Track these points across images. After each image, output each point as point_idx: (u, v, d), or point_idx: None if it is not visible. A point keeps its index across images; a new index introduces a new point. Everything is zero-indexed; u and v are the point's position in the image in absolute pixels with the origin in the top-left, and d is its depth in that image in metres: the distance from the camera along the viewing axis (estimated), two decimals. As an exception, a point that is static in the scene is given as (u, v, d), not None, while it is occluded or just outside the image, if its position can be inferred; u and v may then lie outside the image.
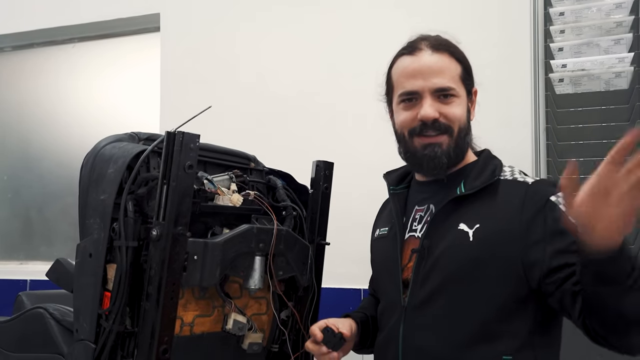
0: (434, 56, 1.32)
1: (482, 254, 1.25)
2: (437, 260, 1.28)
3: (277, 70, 2.58)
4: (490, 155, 1.40)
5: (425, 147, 1.32)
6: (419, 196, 1.42)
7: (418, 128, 1.32)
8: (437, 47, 1.33)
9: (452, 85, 1.31)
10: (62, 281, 1.40)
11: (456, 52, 1.35)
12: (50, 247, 3.15)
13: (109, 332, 1.22)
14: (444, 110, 1.31)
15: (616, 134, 2.05)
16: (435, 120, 1.30)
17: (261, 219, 1.40)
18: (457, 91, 1.32)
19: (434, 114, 1.29)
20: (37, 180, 3.20)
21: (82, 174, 1.32)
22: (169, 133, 1.20)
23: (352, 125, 2.42)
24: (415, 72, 1.32)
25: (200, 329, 1.34)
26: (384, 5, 2.42)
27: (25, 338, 1.49)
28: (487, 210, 1.27)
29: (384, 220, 1.53)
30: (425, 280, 1.29)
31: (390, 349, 1.34)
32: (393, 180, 1.48)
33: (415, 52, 1.34)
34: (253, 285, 1.35)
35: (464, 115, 1.33)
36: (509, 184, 1.30)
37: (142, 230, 1.23)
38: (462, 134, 1.33)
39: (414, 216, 1.40)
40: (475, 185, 1.29)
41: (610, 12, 2.09)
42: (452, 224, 1.29)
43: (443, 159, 1.31)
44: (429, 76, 1.31)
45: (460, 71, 1.34)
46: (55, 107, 3.19)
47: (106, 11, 2.94)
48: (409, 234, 1.38)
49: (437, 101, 1.31)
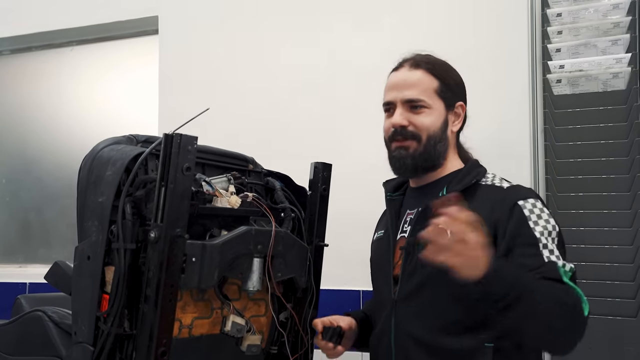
0: (410, 72, 1.49)
1: None
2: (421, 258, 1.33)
3: (274, 72, 2.58)
4: (476, 164, 1.52)
5: (395, 149, 1.49)
6: (410, 201, 1.55)
7: (391, 134, 1.49)
8: (416, 64, 1.49)
9: (421, 97, 1.46)
10: (61, 284, 1.40)
11: (436, 69, 1.49)
12: (48, 249, 3.15)
13: (107, 335, 1.22)
14: (412, 119, 1.46)
15: (614, 134, 2.06)
16: (403, 127, 1.46)
17: (259, 221, 1.41)
18: (427, 103, 1.46)
19: (402, 121, 1.46)
20: (35, 182, 3.20)
21: (80, 176, 1.32)
22: (167, 135, 1.20)
23: (351, 127, 2.42)
24: (392, 85, 1.51)
25: (198, 331, 1.34)
26: (382, 9, 2.42)
27: (24, 341, 1.49)
28: None
29: (382, 224, 1.64)
30: (412, 274, 1.41)
31: (383, 339, 1.46)
32: (391, 188, 1.61)
33: (399, 69, 1.53)
34: (252, 287, 1.35)
35: (434, 124, 1.47)
36: (486, 189, 1.44)
37: (140, 233, 1.23)
38: (432, 142, 1.46)
39: (405, 219, 1.53)
40: (456, 189, 1.40)
41: (608, 13, 2.10)
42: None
43: (407, 160, 1.47)
44: (402, 89, 1.48)
45: (436, 86, 1.47)
46: (53, 110, 3.19)
47: (104, 14, 2.94)
48: (400, 235, 1.51)
49: (409, 111, 1.47)
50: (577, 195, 2.09)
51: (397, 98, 1.48)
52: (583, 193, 2.09)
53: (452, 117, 1.51)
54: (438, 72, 1.49)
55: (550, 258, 1.31)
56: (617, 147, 2.05)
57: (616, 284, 2.00)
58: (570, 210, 2.09)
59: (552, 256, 1.32)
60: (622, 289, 2.00)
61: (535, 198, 1.40)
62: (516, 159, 2.12)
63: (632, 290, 1.99)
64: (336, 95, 2.46)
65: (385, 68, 1.55)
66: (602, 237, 2.04)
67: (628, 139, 2.04)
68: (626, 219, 2.02)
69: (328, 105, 2.47)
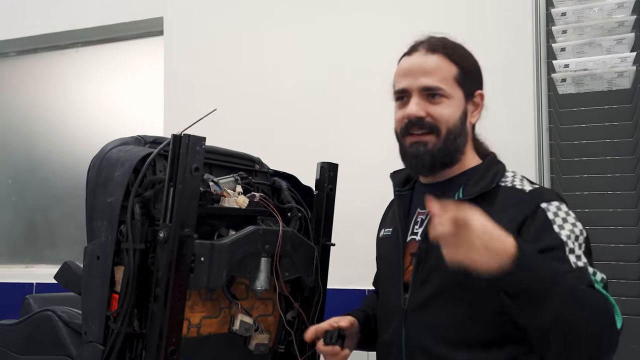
0: (427, 57, 1.33)
1: None
2: (435, 264, 1.27)
3: (280, 72, 2.58)
4: (494, 160, 1.39)
5: (411, 145, 1.33)
6: (422, 199, 1.39)
7: (404, 126, 1.33)
8: (433, 48, 1.34)
9: (440, 85, 1.31)
10: (71, 284, 1.41)
11: (455, 54, 1.35)
12: (55, 250, 3.16)
13: (117, 334, 1.23)
14: (430, 110, 1.31)
15: (619, 133, 2.06)
16: (419, 118, 1.31)
17: (267, 221, 1.42)
18: (446, 91, 1.31)
19: (419, 112, 1.30)
20: (41, 183, 3.21)
21: (89, 177, 1.33)
22: (175, 136, 1.21)
23: (357, 126, 2.42)
24: (406, 71, 1.35)
25: (207, 330, 1.35)
26: (386, 7, 2.43)
27: (34, 340, 1.50)
28: None
29: (389, 220, 1.52)
30: (424, 283, 1.29)
31: (392, 351, 1.34)
32: (399, 181, 1.48)
33: (412, 53, 1.36)
34: (259, 287, 1.36)
35: (454, 116, 1.32)
36: (507, 191, 1.29)
37: (149, 233, 1.24)
38: (452, 136, 1.32)
39: (416, 219, 1.39)
40: (474, 192, 1.29)
41: (612, 12, 2.10)
42: None
43: (426, 157, 1.31)
44: (418, 75, 1.32)
45: (455, 72, 1.33)
46: (59, 111, 3.20)
47: (109, 15, 2.95)
48: (410, 237, 1.38)
49: (425, 100, 1.31)
50: (582, 194, 2.10)
51: (413, 85, 1.32)
52: (588, 192, 2.09)
53: (471, 108, 1.37)
54: (457, 58, 1.35)
55: (577, 264, 1.17)
56: (623, 145, 2.05)
57: (621, 282, 2.00)
58: (576, 209, 2.05)
59: (579, 262, 1.18)
60: (627, 287, 2.00)
61: (559, 201, 1.27)
62: (521, 158, 2.12)
63: (637, 288, 2.00)
64: (341, 95, 2.46)
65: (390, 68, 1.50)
66: (607, 235, 2.04)
67: (633, 138, 2.04)
68: (631, 218, 2.03)
69: (333, 104, 2.47)
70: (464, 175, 1.36)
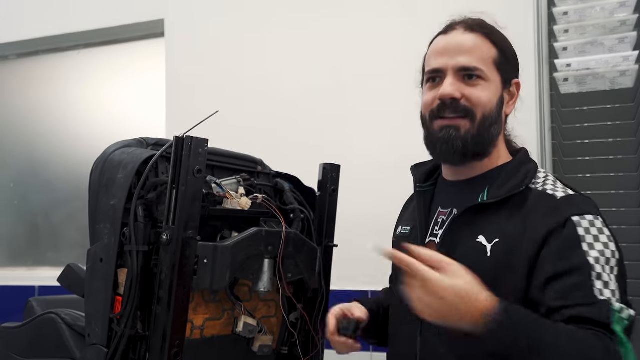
0: (466, 35, 1.25)
1: (498, 271, 1.15)
2: None
3: (282, 73, 2.58)
4: (526, 158, 1.30)
5: (441, 129, 1.23)
6: (444, 197, 1.33)
7: (436, 109, 1.24)
8: (471, 27, 1.27)
9: (478, 66, 1.22)
10: (74, 286, 1.41)
11: (494, 36, 1.27)
12: (57, 252, 3.16)
13: (120, 336, 1.23)
14: (466, 92, 1.21)
15: (622, 132, 2.06)
16: (454, 100, 1.21)
17: (269, 222, 1.41)
18: (485, 74, 1.22)
19: (454, 92, 1.20)
20: (43, 186, 3.21)
21: (92, 179, 1.33)
22: (178, 138, 1.21)
23: (359, 127, 2.42)
24: (442, 49, 1.26)
25: (210, 332, 1.35)
26: (387, 7, 2.42)
27: (37, 343, 1.50)
28: (510, 224, 1.18)
29: (407, 217, 1.44)
30: None
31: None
32: (421, 176, 1.37)
33: (448, 32, 1.29)
34: (262, 288, 1.35)
35: (491, 101, 1.22)
36: (537, 196, 1.18)
37: (152, 235, 1.24)
38: (487, 123, 1.22)
39: (437, 219, 1.31)
40: (499, 194, 1.19)
41: (614, 11, 2.09)
42: (471, 235, 1.21)
43: (458, 143, 1.21)
44: (455, 54, 1.23)
45: (494, 55, 1.25)
46: (60, 114, 3.20)
47: (110, 18, 2.95)
48: (430, 239, 1.30)
49: (462, 81, 1.22)
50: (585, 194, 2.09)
51: (449, 65, 1.22)
52: (591, 191, 2.08)
53: (507, 97, 1.27)
54: (497, 40, 1.26)
55: (603, 293, 1.06)
56: (625, 145, 2.05)
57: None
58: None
59: (606, 290, 1.07)
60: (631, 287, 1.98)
61: (595, 215, 1.14)
62: (524, 157, 2.12)
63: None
64: (343, 96, 2.46)
65: (392, 69, 1.49)
66: (610, 235, 2.03)
67: (636, 137, 2.04)
68: (635, 217, 2.02)
69: (335, 106, 2.47)
70: (492, 173, 1.27)
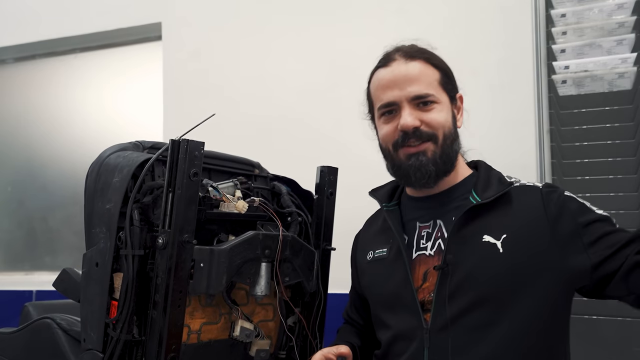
0: (409, 64, 1.30)
1: (517, 263, 1.20)
2: (467, 277, 1.22)
3: (279, 76, 2.58)
4: (489, 167, 1.37)
5: (409, 157, 1.28)
6: (417, 213, 1.36)
7: (400, 139, 1.29)
8: (411, 55, 1.31)
9: (430, 92, 1.27)
10: (69, 291, 1.40)
11: (432, 58, 1.32)
12: (55, 257, 3.15)
13: (116, 341, 1.22)
14: (424, 118, 1.27)
15: (620, 134, 2.05)
16: (416, 129, 1.27)
17: (266, 225, 1.41)
18: (436, 97, 1.28)
19: (414, 122, 1.26)
20: (40, 190, 3.21)
21: (88, 183, 1.32)
22: (174, 141, 1.20)
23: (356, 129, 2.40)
24: (390, 82, 1.30)
25: (207, 336, 1.34)
26: (386, 10, 2.42)
27: (33, 348, 1.49)
28: (510, 219, 1.24)
29: (376, 240, 1.44)
30: (452, 298, 1.21)
31: None
32: (383, 197, 1.43)
33: (389, 64, 1.32)
34: (260, 292, 1.34)
35: (447, 121, 1.29)
36: (521, 191, 1.27)
37: (148, 239, 1.23)
38: (448, 141, 1.29)
39: (420, 234, 1.33)
40: (489, 195, 1.25)
41: (612, 13, 2.09)
42: (475, 237, 1.24)
43: (430, 167, 1.27)
44: (405, 85, 1.27)
45: (438, 77, 1.30)
46: (57, 118, 3.20)
47: (107, 21, 2.95)
48: (418, 253, 1.31)
49: (417, 109, 1.28)
50: (584, 196, 2.06)
51: (402, 97, 1.27)
52: (590, 194, 2.08)
53: (455, 112, 1.35)
54: (436, 62, 1.32)
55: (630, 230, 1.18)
56: (624, 147, 2.04)
57: (625, 284, 1.99)
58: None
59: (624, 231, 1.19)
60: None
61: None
62: (522, 160, 2.12)
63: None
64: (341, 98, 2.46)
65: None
66: (610, 237, 2.03)
67: (635, 139, 2.03)
68: (634, 220, 2.01)
69: (332, 108, 2.47)
70: (463, 184, 1.33)
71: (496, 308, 1.19)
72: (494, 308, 1.19)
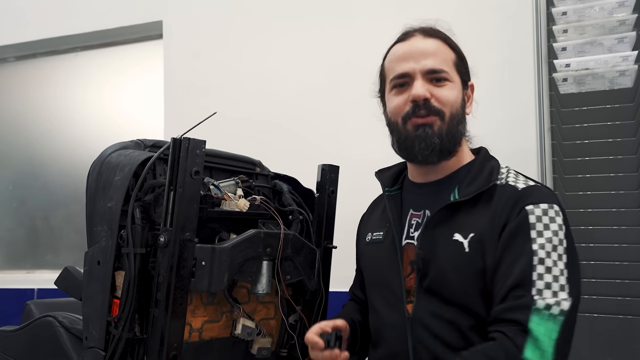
0: (427, 40, 1.31)
1: (477, 264, 1.20)
2: (437, 273, 1.23)
3: (280, 74, 2.58)
4: (487, 156, 1.35)
5: (417, 127, 1.27)
6: (414, 200, 1.37)
7: (410, 110, 1.28)
8: (429, 33, 1.33)
9: (444, 68, 1.28)
10: (71, 289, 1.40)
11: (450, 41, 1.34)
12: (56, 255, 3.16)
13: (118, 339, 1.22)
14: (435, 93, 1.27)
15: (621, 132, 2.05)
16: (426, 100, 1.26)
17: (268, 224, 1.41)
18: (450, 75, 1.29)
19: (425, 93, 1.26)
20: (41, 189, 3.21)
21: (89, 181, 1.32)
22: (175, 139, 1.20)
23: (358, 128, 2.41)
24: (406, 54, 1.31)
25: (209, 334, 1.34)
26: (386, 8, 2.42)
27: (35, 346, 1.49)
28: (481, 218, 1.23)
29: (376, 223, 1.45)
30: (428, 291, 1.24)
31: None
32: (387, 181, 1.43)
33: (407, 39, 1.34)
34: (261, 290, 1.35)
35: (457, 101, 1.29)
36: (502, 189, 1.24)
37: (149, 237, 1.23)
38: (455, 121, 1.28)
39: (410, 222, 1.34)
40: (470, 192, 1.25)
41: (613, 11, 2.09)
42: (447, 234, 1.25)
43: (435, 139, 1.25)
44: (420, 58, 1.28)
45: (454, 58, 1.32)
46: (58, 116, 3.20)
47: (108, 20, 2.95)
48: (406, 241, 1.33)
49: (430, 83, 1.28)
50: (585, 194, 2.09)
51: (416, 68, 1.27)
52: (591, 192, 2.08)
53: (466, 97, 1.34)
54: (453, 44, 1.34)
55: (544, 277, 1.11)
56: (625, 145, 2.05)
57: (626, 282, 1.99)
58: (579, 209, 2.08)
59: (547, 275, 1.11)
60: (632, 288, 1.99)
61: (550, 203, 1.19)
62: (523, 158, 2.12)
63: (642, 288, 1.99)
64: (342, 97, 2.46)
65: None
66: (610, 235, 2.03)
67: (636, 137, 2.03)
68: (635, 217, 2.02)
69: (334, 106, 2.47)
70: (459, 173, 1.32)
71: (466, 307, 1.20)
72: (464, 307, 1.20)
